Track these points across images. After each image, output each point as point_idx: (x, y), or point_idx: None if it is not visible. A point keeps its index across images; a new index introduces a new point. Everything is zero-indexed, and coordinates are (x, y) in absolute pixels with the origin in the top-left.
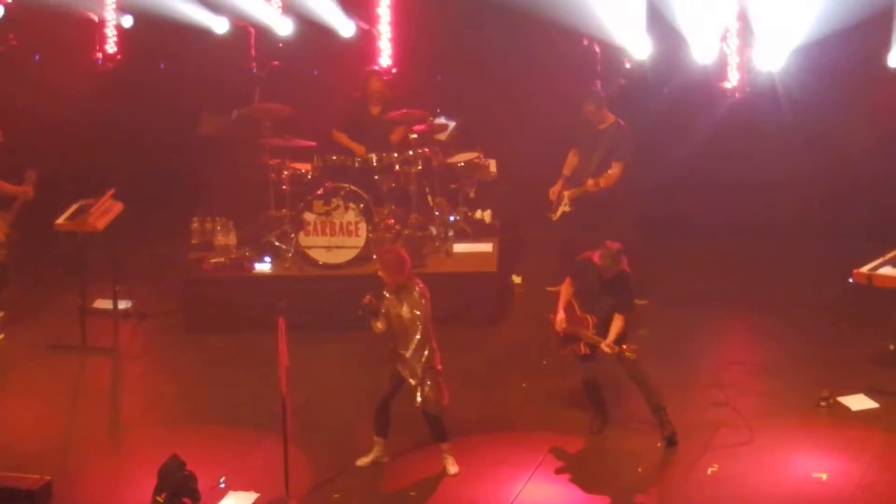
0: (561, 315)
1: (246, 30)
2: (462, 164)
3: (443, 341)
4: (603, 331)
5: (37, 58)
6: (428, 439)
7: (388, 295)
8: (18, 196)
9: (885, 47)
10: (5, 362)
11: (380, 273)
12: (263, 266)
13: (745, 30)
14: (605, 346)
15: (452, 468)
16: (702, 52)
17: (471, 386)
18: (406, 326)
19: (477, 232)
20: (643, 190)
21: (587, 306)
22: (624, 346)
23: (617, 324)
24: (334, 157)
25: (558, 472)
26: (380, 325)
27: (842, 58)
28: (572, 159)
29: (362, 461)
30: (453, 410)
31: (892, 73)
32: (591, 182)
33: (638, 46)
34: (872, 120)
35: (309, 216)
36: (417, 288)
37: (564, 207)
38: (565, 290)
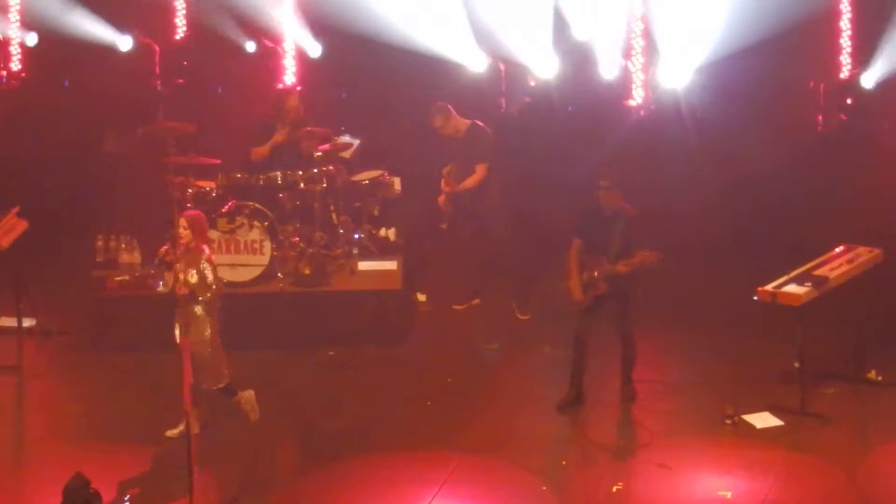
0: (574, 281)
1: (150, 48)
2: (366, 181)
3: (347, 359)
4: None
5: None
6: (334, 457)
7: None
8: None
9: (790, 64)
10: None
11: (182, 231)
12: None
13: (650, 47)
14: (623, 264)
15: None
16: (607, 69)
17: (374, 404)
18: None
19: (381, 250)
20: (546, 208)
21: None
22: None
23: (641, 252)
24: (238, 176)
25: (464, 489)
26: (171, 283)
27: (746, 75)
28: (450, 170)
29: (171, 432)
30: (359, 428)
31: (795, 90)
32: (458, 187)
33: (543, 64)
34: (777, 137)
35: (213, 234)
36: (205, 255)
37: (448, 217)
38: (573, 254)
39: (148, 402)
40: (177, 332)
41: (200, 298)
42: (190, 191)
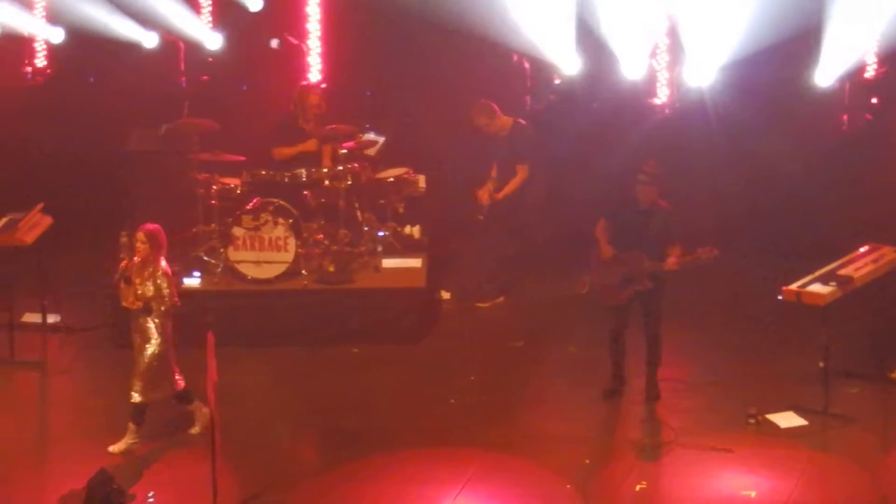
0: (607, 249)
1: (175, 44)
2: (391, 179)
3: (371, 356)
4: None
5: None
6: (356, 455)
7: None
8: None
9: (813, 64)
10: None
11: (140, 245)
12: (192, 281)
13: (675, 46)
14: (670, 263)
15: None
16: (631, 68)
17: (398, 401)
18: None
19: (406, 247)
20: (574, 204)
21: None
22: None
23: (677, 249)
24: (263, 172)
25: (486, 488)
26: (131, 297)
27: (770, 75)
28: (497, 164)
29: (114, 448)
30: (382, 425)
31: (818, 90)
32: (491, 188)
33: (568, 62)
34: (802, 137)
35: (238, 231)
36: (161, 269)
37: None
38: (601, 232)
39: (170, 399)
40: (134, 342)
41: (154, 311)
42: (214, 187)
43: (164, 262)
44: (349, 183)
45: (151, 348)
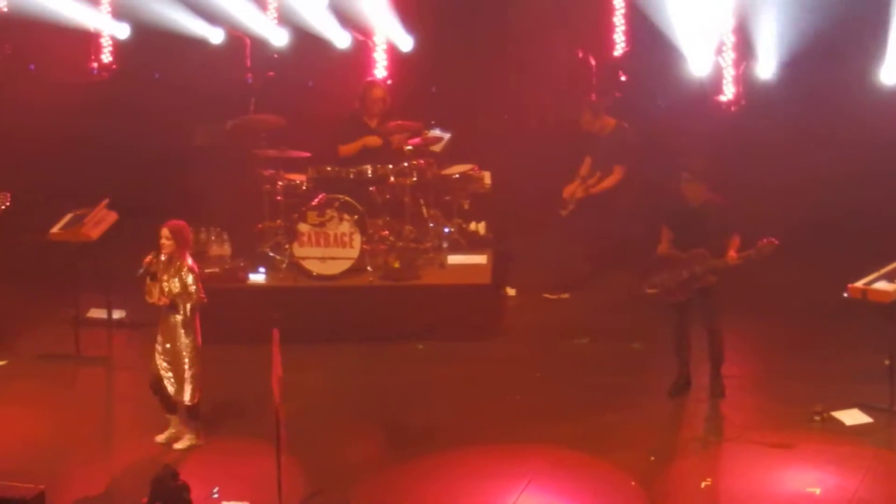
0: (668, 250)
1: (241, 40)
2: (457, 175)
3: (436, 353)
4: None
5: (32, 67)
6: (420, 451)
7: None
8: None
9: (879, 61)
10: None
11: (165, 241)
12: (258, 277)
13: (742, 43)
14: (731, 257)
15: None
16: (697, 64)
17: (464, 398)
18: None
19: (471, 244)
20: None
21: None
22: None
23: (736, 240)
24: (329, 169)
25: (552, 484)
26: (156, 293)
27: (837, 71)
28: (588, 161)
29: (160, 438)
30: (447, 422)
31: (884, 86)
32: (591, 182)
33: (632, 59)
34: (868, 135)
35: (303, 227)
36: (188, 265)
37: (571, 206)
38: (664, 234)
39: (236, 395)
40: (157, 344)
41: (181, 308)
42: (280, 184)
43: (190, 259)
44: (414, 179)
45: (188, 350)
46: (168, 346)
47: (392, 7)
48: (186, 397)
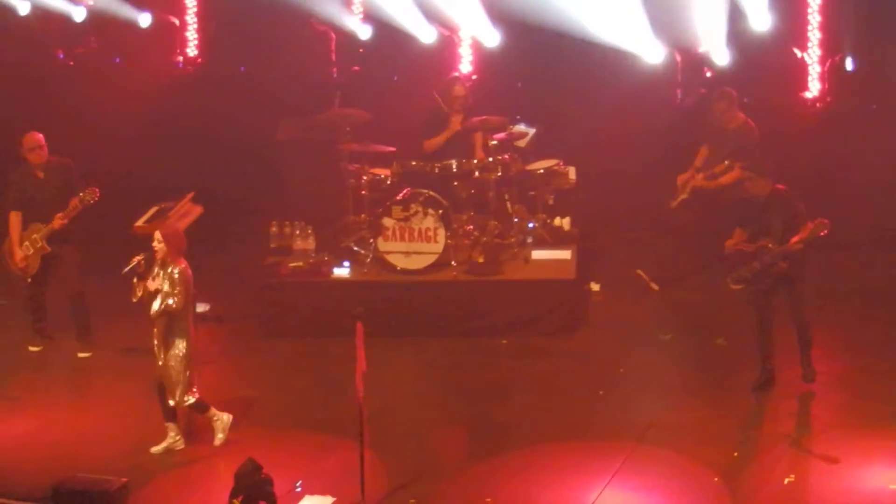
0: (736, 246)
1: (327, 35)
2: (541, 171)
3: (519, 348)
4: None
5: (117, 61)
6: (503, 447)
7: (155, 268)
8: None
9: None
10: (82, 365)
11: (157, 245)
12: (342, 271)
13: (828, 39)
14: (793, 242)
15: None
16: (782, 60)
17: (547, 393)
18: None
19: (555, 239)
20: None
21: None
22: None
23: (808, 226)
24: (413, 163)
25: (635, 480)
26: (139, 293)
27: None
28: (704, 152)
29: (156, 449)
30: (530, 417)
31: None
32: (707, 174)
33: (719, 54)
34: None
35: (388, 221)
36: (180, 266)
37: (683, 195)
38: (738, 240)
39: (319, 389)
40: (154, 346)
41: (172, 304)
42: (365, 178)
43: (183, 263)
44: (499, 174)
45: (180, 355)
46: (162, 353)
47: (478, 2)
48: (175, 399)
